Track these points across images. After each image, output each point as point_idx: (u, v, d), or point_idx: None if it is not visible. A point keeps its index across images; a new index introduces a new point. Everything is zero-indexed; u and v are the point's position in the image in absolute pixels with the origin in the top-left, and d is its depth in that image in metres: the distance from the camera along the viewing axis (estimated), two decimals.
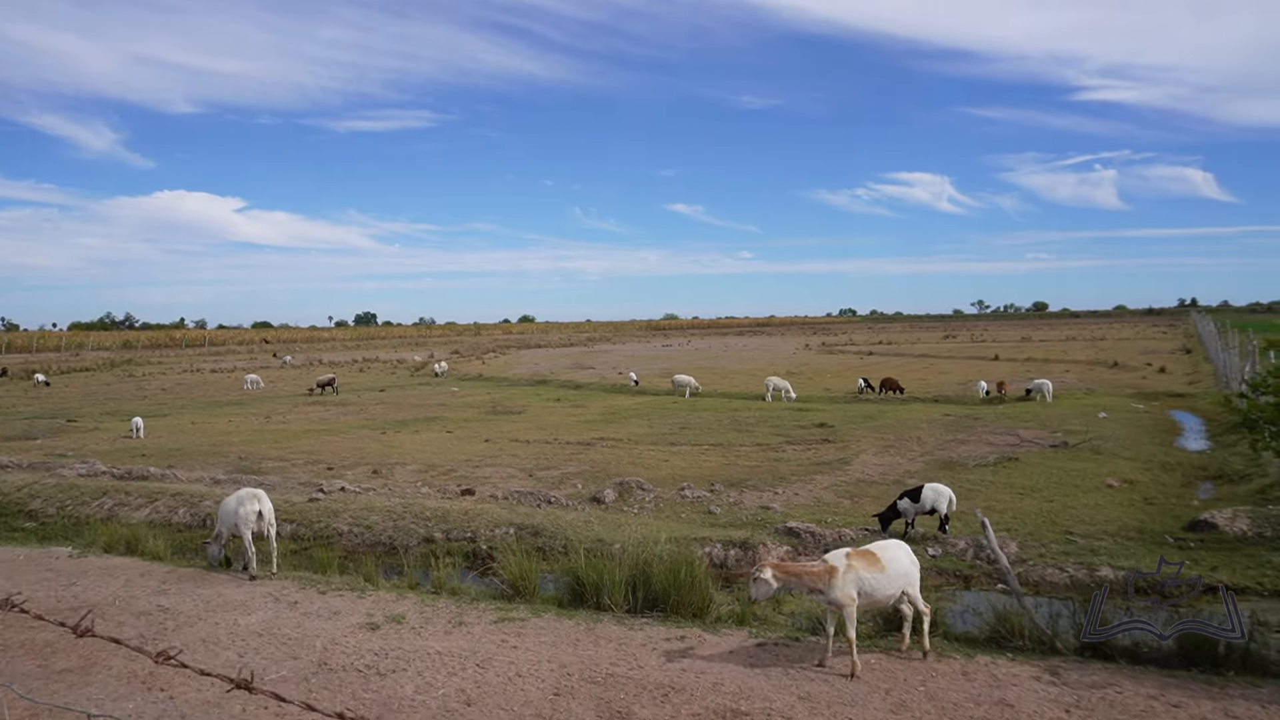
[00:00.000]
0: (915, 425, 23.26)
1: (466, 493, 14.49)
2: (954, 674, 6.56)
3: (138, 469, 16.53)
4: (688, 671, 6.67)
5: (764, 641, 7.37)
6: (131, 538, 11.26)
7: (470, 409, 30.56)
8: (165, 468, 18.08)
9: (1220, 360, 34.14)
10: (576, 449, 20.72)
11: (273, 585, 9.26)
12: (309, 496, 13.91)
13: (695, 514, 13.49)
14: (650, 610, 8.55)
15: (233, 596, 8.83)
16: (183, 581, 9.42)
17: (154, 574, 9.69)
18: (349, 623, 7.98)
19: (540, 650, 7.20)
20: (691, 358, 64.77)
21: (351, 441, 22.75)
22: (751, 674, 6.59)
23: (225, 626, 7.87)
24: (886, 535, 11.81)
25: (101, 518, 14.08)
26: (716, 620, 8.28)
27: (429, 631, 7.73)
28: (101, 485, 15.28)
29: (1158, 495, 14.24)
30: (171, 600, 8.68)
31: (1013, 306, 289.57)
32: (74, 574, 9.65)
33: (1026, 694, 6.13)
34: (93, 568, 9.94)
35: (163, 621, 8.01)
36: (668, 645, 7.33)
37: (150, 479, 15.95)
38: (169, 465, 18.54)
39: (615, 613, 8.50)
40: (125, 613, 8.28)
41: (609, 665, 6.82)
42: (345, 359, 68.39)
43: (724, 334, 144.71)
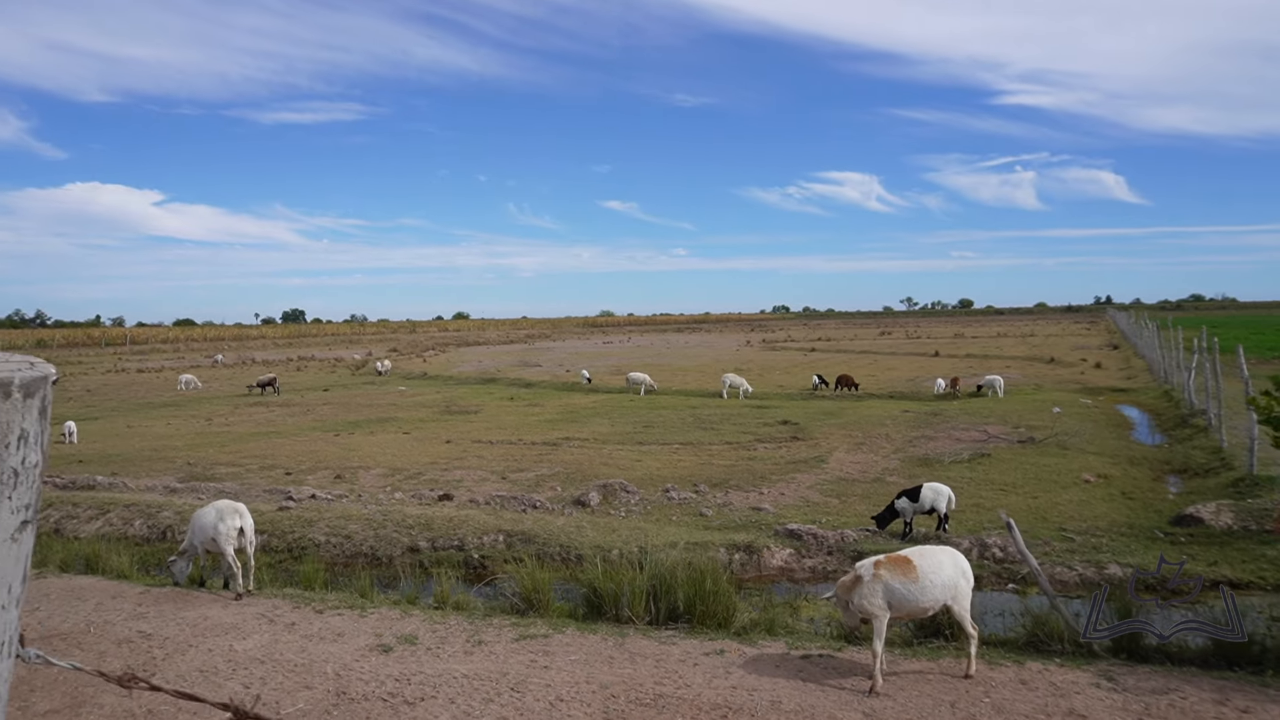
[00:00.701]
0: (879, 422, 23.39)
1: (444, 498, 13.88)
2: (1013, 683, 6.37)
3: (83, 478, 15.41)
4: (739, 689, 6.33)
5: (808, 653, 7.08)
6: (90, 554, 10.39)
7: (423, 409, 29.68)
8: (109, 475, 16.94)
9: (1157, 358, 35.35)
10: (544, 450, 20.20)
11: (262, 605, 8.59)
12: (278, 505, 13.12)
13: (686, 516, 13.17)
14: (672, 621, 8.18)
15: (221, 618, 8.14)
16: (160, 603, 8.67)
17: (126, 595, 8.91)
18: (357, 645, 7.40)
19: (575, 670, 6.77)
20: (636, 355, 64.49)
21: (304, 445, 21.77)
22: (807, 690, 6.28)
23: (221, 653, 7.21)
24: (885, 535, 11.70)
25: (47, 532, 13.04)
26: (744, 630, 7.96)
27: (447, 652, 7.21)
28: (44, 496, 14.16)
29: (1133, 490, 14.48)
30: (153, 625, 7.96)
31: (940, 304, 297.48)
32: (34, 598, 8.79)
33: (1093, 702, 5.97)
34: (55, 589, 9.09)
35: (149, 650, 7.30)
36: (707, 660, 6.97)
37: (98, 488, 14.88)
38: (113, 473, 17.39)
39: (637, 625, 8.11)
40: (104, 640, 7.54)
41: (654, 685, 6.44)
42: (279, 357, 66.11)
43: (663, 330, 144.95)
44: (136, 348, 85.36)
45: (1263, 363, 33.78)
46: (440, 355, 68.19)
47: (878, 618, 6.36)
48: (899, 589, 6.47)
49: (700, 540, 11.31)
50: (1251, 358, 25.84)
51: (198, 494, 14.33)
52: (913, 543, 11.38)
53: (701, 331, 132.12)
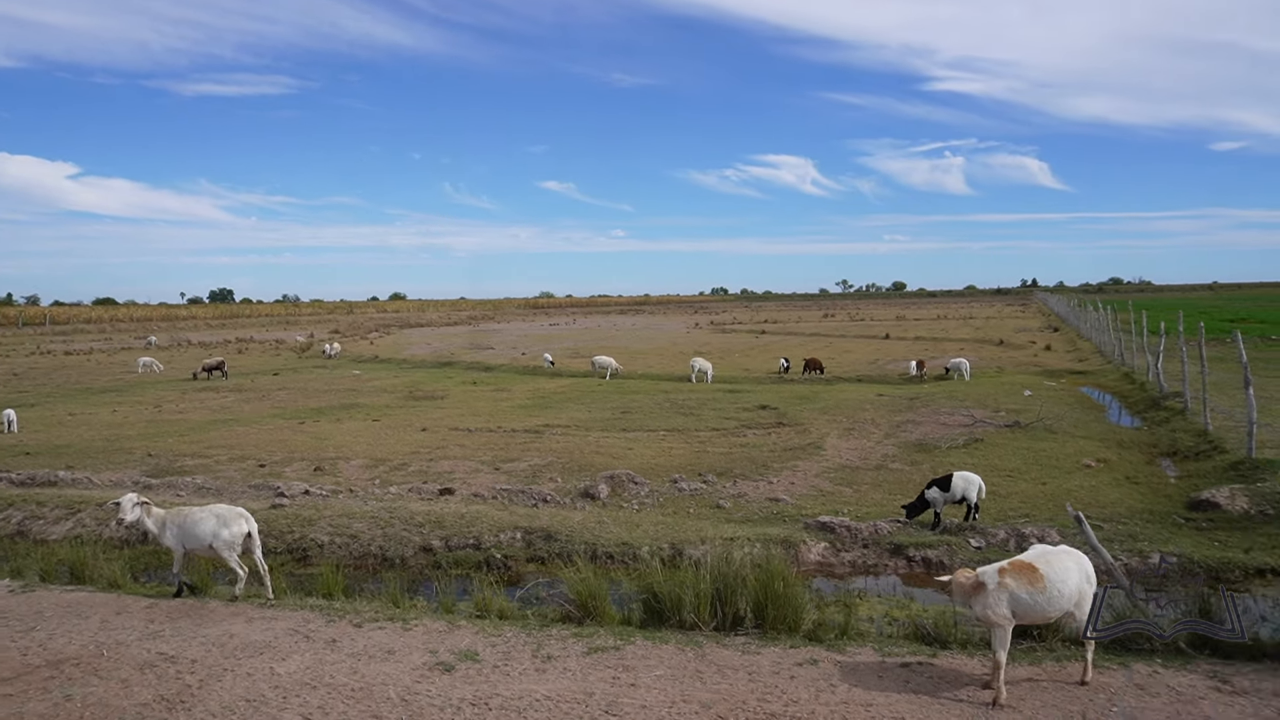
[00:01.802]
0: (858, 406, 23.30)
1: (445, 492, 13.17)
2: (1131, 689, 6.10)
3: (42, 474, 14.19)
4: (852, 704, 5.92)
5: (905, 661, 6.71)
6: (75, 561, 9.44)
7: (385, 394, 28.60)
8: (66, 470, 15.69)
9: (1108, 340, 36.27)
10: (527, 438, 19.52)
11: (290, 618, 7.84)
12: (270, 503, 12.23)
13: (703, 509, 12.73)
14: (738, 627, 7.74)
15: (249, 636, 7.38)
16: (175, 618, 7.85)
17: (132, 610, 8.05)
18: (414, 663, 6.76)
19: (665, 688, 6.26)
20: (587, 337, 63.80)
21: (270, 433, 20.65)
22: (925, 705, 5.91)
23: (263, 678, 6.50)
24: (916, 525, 11.46)
25: (9, 534, 11.92)
26: (815, 634, 7.56)
27: (517, 670, 6.63)
28: (2, 495, 12.97)
29: (1136, 474, 14.57)
30: (173, 645, 7.16)
31: (874, 286, 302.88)
32: (28, 616, 7.88)
33: (1223, 710, 5.74)
34: (49, 605, 8.17)
35: (179, 676, 6.53)
36: (802, 671, 6.55)
37: (60, 484, 13.71)
38: (68, 466, 16.12)
39: (703, 631, 7.64)
40: (123, 666, 6.73)
41: (758, 703, 5.98)
42: (215, 339, 63.45)
43: (606, 312, 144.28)
44: (58, 328, 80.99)
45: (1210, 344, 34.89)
46: (386, 337, 66.39)
47: (1001, 627, 6.01)
48: (1025, 598, 6.09)
49: (732, 535, 10.88)
50: (1191, 339, 26.59)
51: (175, 490, 13.31)
52: (945, 534, 11.19)
53: (645, 314, 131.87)
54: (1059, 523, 11.48)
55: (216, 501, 12.47)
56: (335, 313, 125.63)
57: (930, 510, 11.50)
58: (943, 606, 8.96)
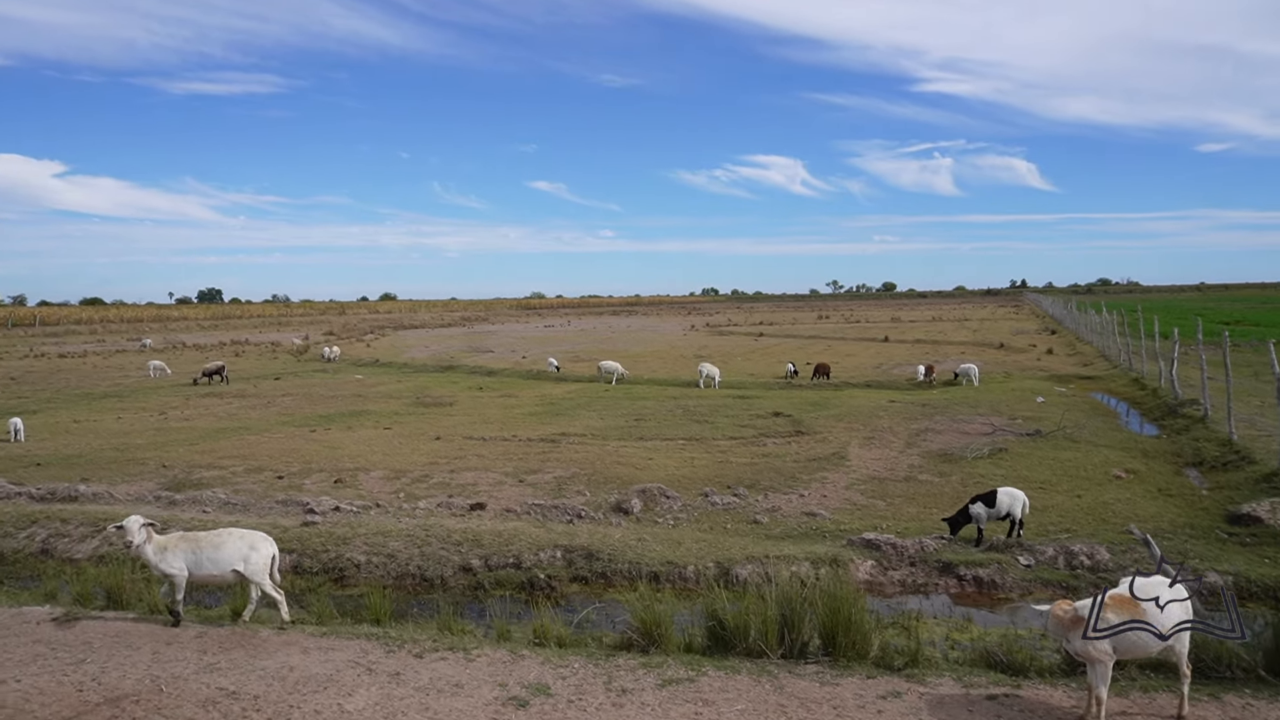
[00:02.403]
0: (872, 413, 23.19)
1: (476, 507, 12.95)
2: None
3: (62, 488, 13.88)
4: None
5: (991, 693, 6.56)
6: (113, 585, 9.18)
7: (391, 400, 28.32)
8: (80, 482, 15.39)
9: (1111, 344, 36.36)
10: (545, 447, 19.31)
11: (348, 648, 7.62)
12: (301, 520, 11.98)
13: (740, 524, 12.57)
14: (805, 654, 7.58)
15: (308, 668, 7.16)
16: (227, 649, 7.62)
17: (181, 639, 7.81)
18: (485, 698, 6.56)
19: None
20: (585, 340, 63.60)
21: (281, 442, 20.37)
22: None
23: (332, 716, 6.29)
24: (960, 541, 11.33)
25: (34, 553, 11.64)
26: (884, 661, 7.41)
27: (592, 705, 6.45)
28: (23, 510, 12.68)
29: (1168, 486, 14.49)
30: (233, 679, 6.94)
31: (865, 287, 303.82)
32: (75, 646, 7.64)
33: None
34: (95, 635, 7.92)
35: (245, 715, 6.31)
36: (889, 705, 6.39)
37: (81, 499, 13.42)
38: (83, 479, 15.81)
39: (771, 659, 7.48)
40: (185, 703, 6.50)
41: None
42: (209, 341, 62.90)
43: (599, 313, 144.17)
44: (48, 329, 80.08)
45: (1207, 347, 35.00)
46: (382, 339, 65.98)
47: (1102, 662, 5.87)
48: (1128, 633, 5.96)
49: (777, 553, 10.72)
50: (1189, 341, 26.54)
51: (201, 506, 13.04)
52: (992, 551, 11.06)
53: (638, 315, 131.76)
54: (1102, 538, 11.37)
55: (243, 519, 12.25)
56: (327, 313, 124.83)
57: (972, 525, 11.39)
58: (1004, 629, 8.85)
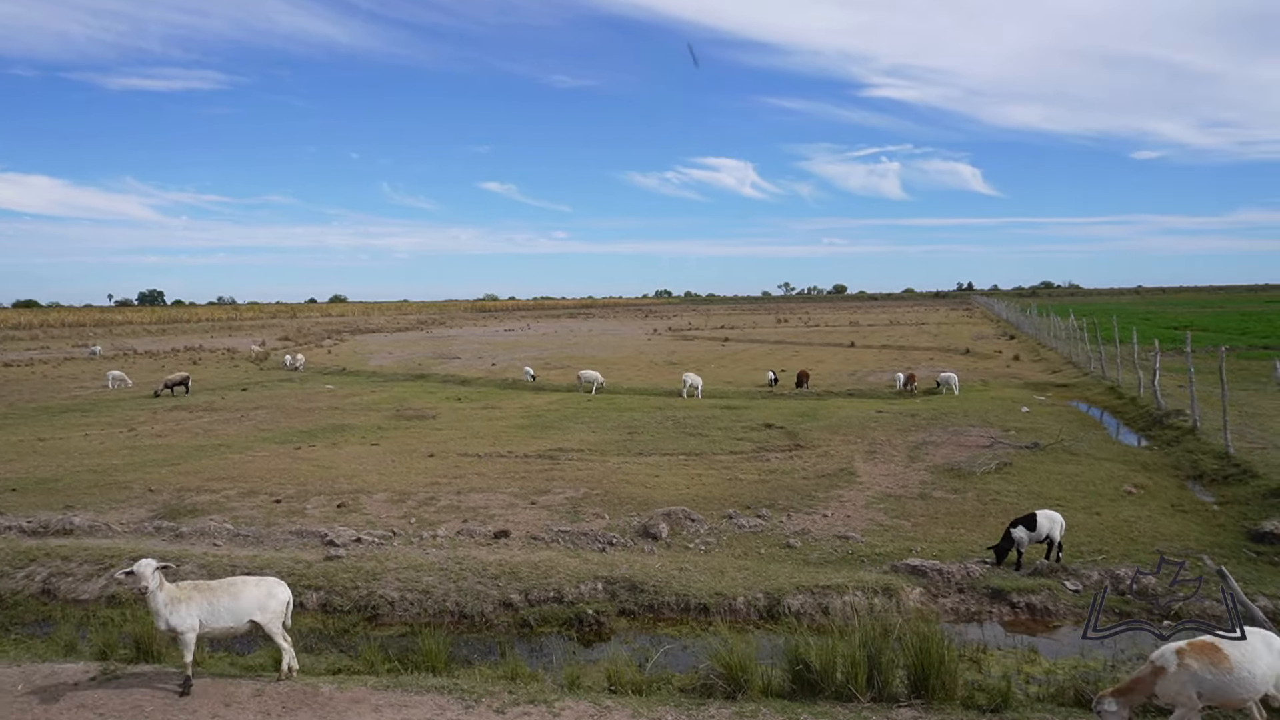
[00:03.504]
0: (863, 425, 23.22)
1: (501, 535, 12.53)
2: None
3: (55, 520, 13.05)
4: None
5: None
6: (142, 634, 8.58)
7: (370, 413, 27.57)
8: (64, 510, 14.57)
9: (1078, 351, 37.17)
10: (545, 465, 18.90)
11: (421, 704, 7.19)
12: (324, 554, 11.42)
13: (773, 548, 12.36)
14: (895, 697, 7.39)
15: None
16: (290, 709, 7.12)
17: (239, 699, 7.29)
18: None
19: None
20: (549, 345, 63.06)
21: (267, 461, 19.60)
22: None
23: None
24: (1002, 567, 11.28)
25: (34, 594, 10.90)
26: (975, 701, 7.27)
27: None
28: (17, 547, 11.86)
29: (1181, 502, 14.67)
30: None
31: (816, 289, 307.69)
32: (126, 712, 7.06)
33: None
34: (144, 697, 7.33)
35: None
36: None
37: (78, 533, 12.63)
38: (65, 507, 14.97)
39: (862, 702, 7.28)
40: None
41: None
42: (161, 348, 60.79)
43: (555, 315, 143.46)
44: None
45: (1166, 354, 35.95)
46: (341, 344, 64.58)
47: (1182, 709, 5.79)
48: (1210, 680, 5.95)
49: (829, 582, 10.53)
50: (1145, 345, 27.08)
51: (211, 539, 12.36)
52: (1037, 575, 11.01)
53: (595, 317, 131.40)
54: (1135, 559, 11.43)
55: (260, 553, 11.66)
56: (278, 317, 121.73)
57: (1014, 550, 11.35)
58: (1074, 660, 8.79)
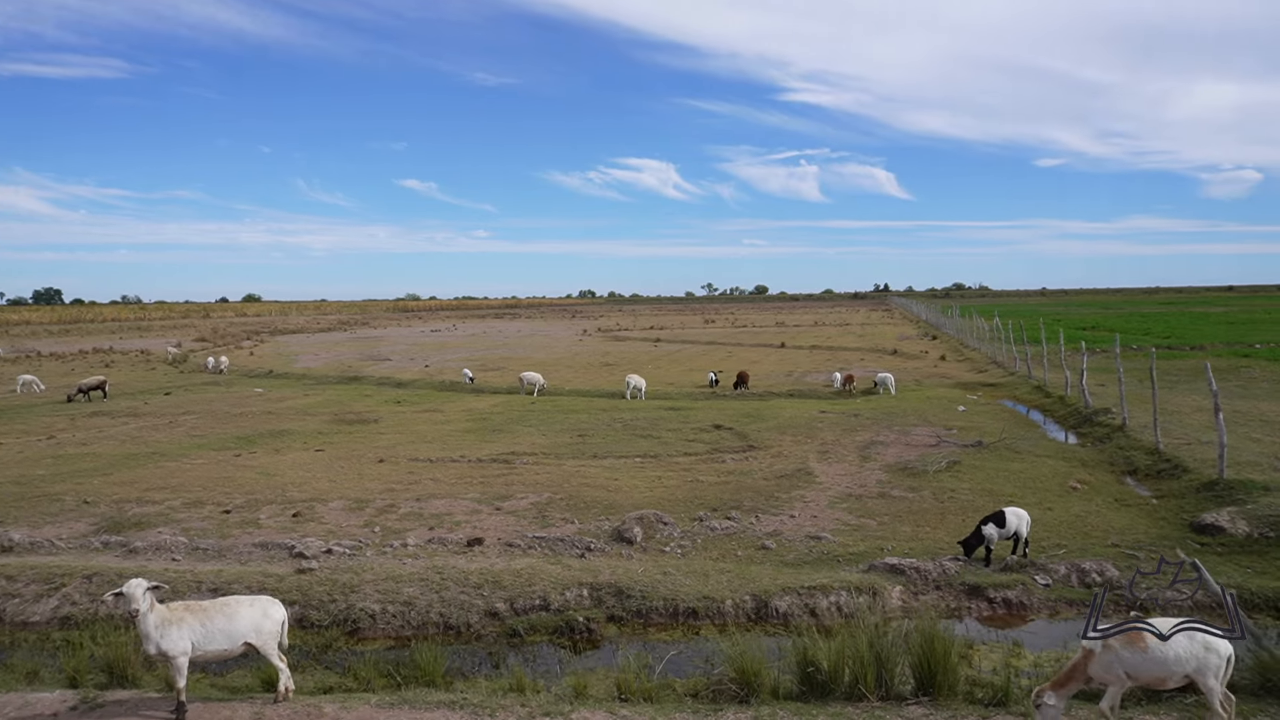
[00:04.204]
0: (809, 425, 23.61)
1: (474, 542, 12.28)
2: None
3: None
4: None
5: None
6: (115, 658, 8.09)
7: (308, 417, 26.68)
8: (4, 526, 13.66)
9: (1000, 351, 38.67)
10: (500, 469, 18.63)
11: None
12: (295, 567, 10.98)
13: (749, 550, 12.46)
14: (900, 696, 7.54)
15: None
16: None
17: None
18: None
19: None
20: (480, 345, 62.27)
21: (207, 469, 18.78)
22: None
23: None
24: (969, 560, 11.64)
25: None
26: (976, 697, 7.48)
27: None
28: None
29: (1123, 497, 15.39)
30: None
31: (738, 289, 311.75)
32: None
33: None
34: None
35: None
36: None
37: (18, 550, 11.82)
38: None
39: (871, 701, 7.41)
40: None
41: None
42: (66, 350, 57.58)
43: (480, 316, 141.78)
44: None
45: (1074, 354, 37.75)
46: (263, 346, 62.38)
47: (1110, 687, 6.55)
48: (1129, 659, 6.82)
49: (813, 583, 10.67)
50: (1070, 347, 28.45)
51: (169, 554, 11.73)
52: (1008, 571, 11.39)
53: (521, 318, 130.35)
54: (1094, 553, 11.95)
55: (225, 567, 11.16)
56: (190, 316, 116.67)
57: (983, 546, 11.72)
58: (1056, 653, 9.12)
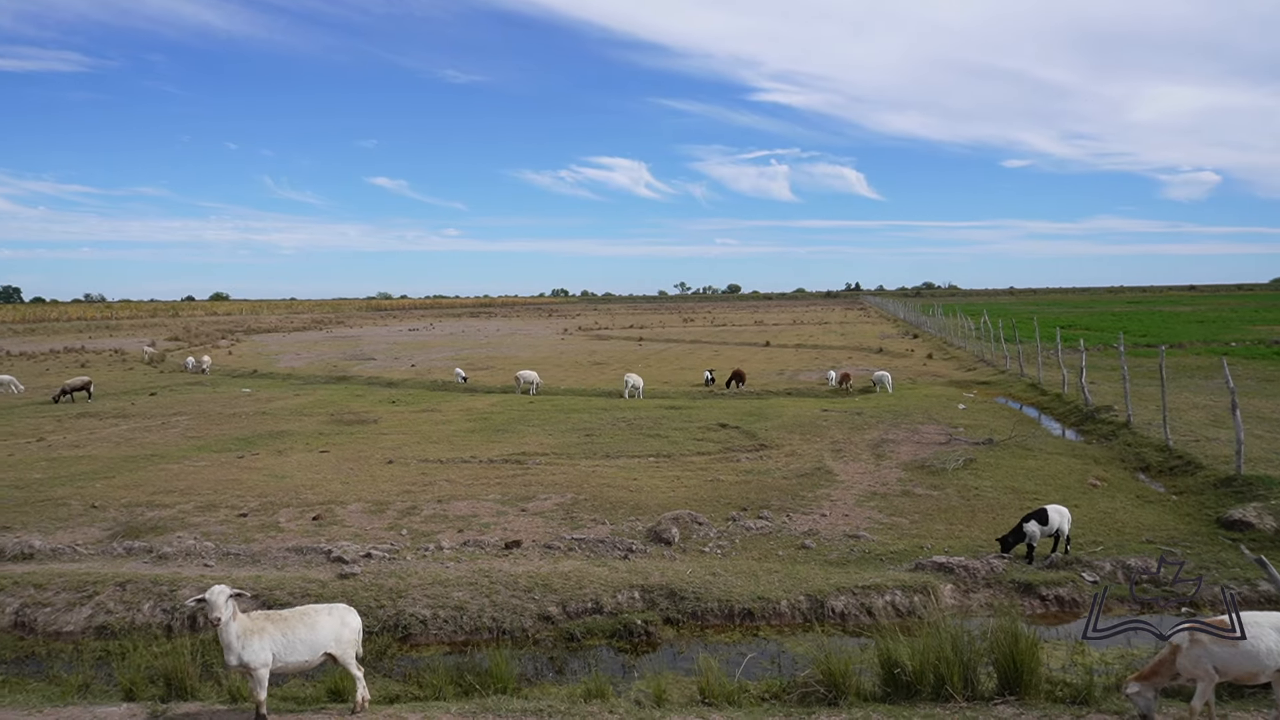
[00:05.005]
0: (814, 424, 23.60)
1: (512, 545, 12.06)
2: None
3: (10, 543, 11.72)
4: None
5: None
6: (172, 669, 7.79)
7: (304, 418, 26.19)
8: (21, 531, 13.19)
9: (986, 349, 39.05)
10: (514, 470, 18.38)
11: None
12: (337, 571, 10.69)
13: (788, 550, 12.36)
14: (990, 696, 7.47)
15: None
16: None
17: None
18: None
19: None
20: (462, 345, 61.74)
21: (212, 471, 18.33)
22: None
23: None
24: (1012, 559, 11.65)
25: (5, 628, 9.77)
26: (1058, 695, 7.44)
27: None
28: None
29: (1144, 493, 15.52)
30: None
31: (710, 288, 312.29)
32: None
33: None
34: None
35: None
36: None
37: (39, 556, 11.38)
38: (3, 528, 13.54)
39: (958, 702, 7.34)
40: None
41: None
42: (37, 349, 56.15)
43: (456, 315, 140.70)
44: None
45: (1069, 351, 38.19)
46: (240, 345, 61.31)
47: (1201, 682, 6.53)
48: (1220, 654, 6.64)
49: (866, 583, 10.60)
50: (1067, 345, 28.67)
51: (201, 560, 11.35)
52: (1053, 568, 11.42)
53: (497, 317, 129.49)
54: (1130, 549, 12.03)
55: (264, 573, 10.85)
56: (159, 315, 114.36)
57: (1024, 543, 11.73)
58: (1120, 649, 9.12)
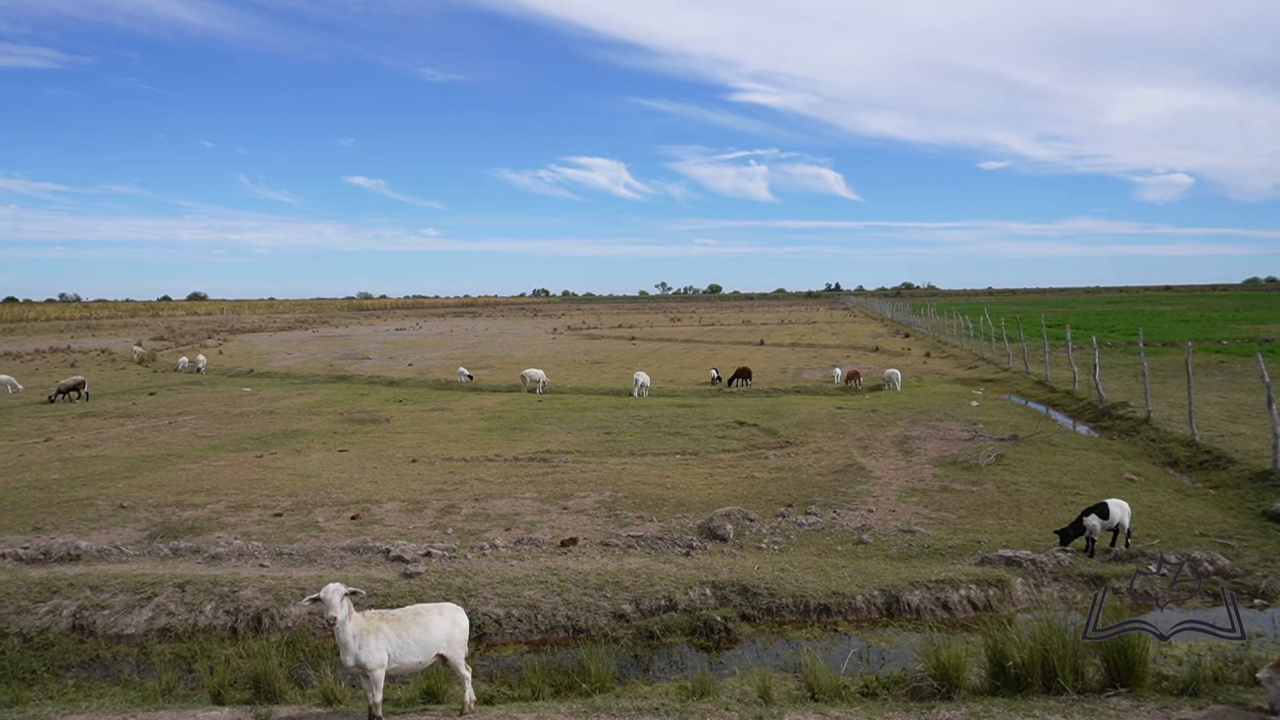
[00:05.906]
0: (832, 421, 23.55)
1: (568, 543, 11.86)
2: None
3: (57, 545, 11.34)
4: None
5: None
6: (261, 671, 7.54)
7: (313, 417, 25.80)
8: (32, 532, 12.85)
9: (996, 349, 39.27)
10: (542, 468, 18.16)
11: None
12: (400, 571, 10.43)
13: (846, 545, 12.25)
14: (1093, 689, 7.40)
15: None
16: None
17: None
18: None
19: None
20: (454, 344, 61.28)
21: (233, 471, 17.97)
22: None
23: None
24: (1070, 551, 11.62)
25: (64, 631, 9.44)
26: (1167, 688, 7.38)
27: None
28: (26, 578, 10.23)
29: (1181, 487, 15.59)
30: None
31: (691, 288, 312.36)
32: None
33: None
34: None
35: None
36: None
37: (86, 558, 11.03)
38: (34, 529, 13.17)
39: (1069, 694, 7.25)
40: None
41: None
42: (20, 349, 55.07)
43: (440, 315, 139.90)
44: None
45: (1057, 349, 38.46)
46: (229, 345, 60.48)
47: None
48: None
49: (938, 577, 10.52)
50: (1079, 343, 29.03)
51: (257, 560, 11.05)
52: (1117, 561, 11.40)
53: (482, 317, 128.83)
54: (1186, 542, 12.04)
55: (326, 573, 10.59)
56: (139, 315, 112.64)
57: (1084, 537, 11.70)
58: (1209, 641, 9.08)
